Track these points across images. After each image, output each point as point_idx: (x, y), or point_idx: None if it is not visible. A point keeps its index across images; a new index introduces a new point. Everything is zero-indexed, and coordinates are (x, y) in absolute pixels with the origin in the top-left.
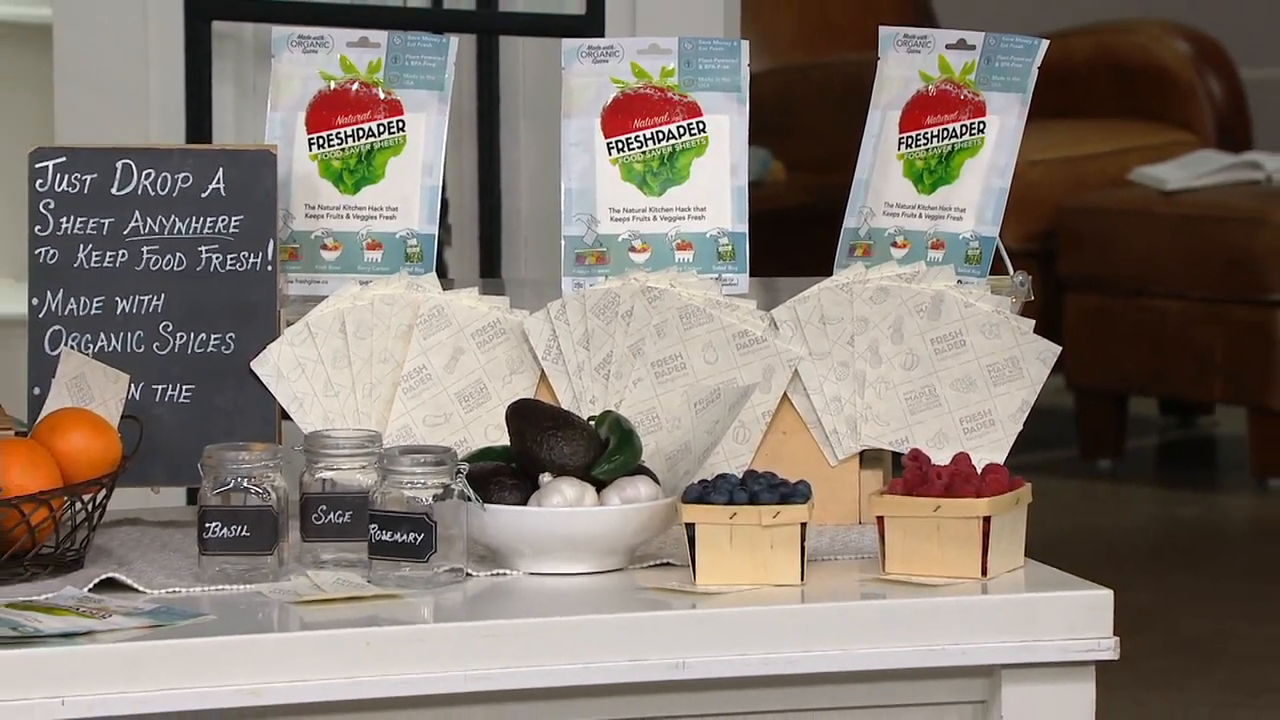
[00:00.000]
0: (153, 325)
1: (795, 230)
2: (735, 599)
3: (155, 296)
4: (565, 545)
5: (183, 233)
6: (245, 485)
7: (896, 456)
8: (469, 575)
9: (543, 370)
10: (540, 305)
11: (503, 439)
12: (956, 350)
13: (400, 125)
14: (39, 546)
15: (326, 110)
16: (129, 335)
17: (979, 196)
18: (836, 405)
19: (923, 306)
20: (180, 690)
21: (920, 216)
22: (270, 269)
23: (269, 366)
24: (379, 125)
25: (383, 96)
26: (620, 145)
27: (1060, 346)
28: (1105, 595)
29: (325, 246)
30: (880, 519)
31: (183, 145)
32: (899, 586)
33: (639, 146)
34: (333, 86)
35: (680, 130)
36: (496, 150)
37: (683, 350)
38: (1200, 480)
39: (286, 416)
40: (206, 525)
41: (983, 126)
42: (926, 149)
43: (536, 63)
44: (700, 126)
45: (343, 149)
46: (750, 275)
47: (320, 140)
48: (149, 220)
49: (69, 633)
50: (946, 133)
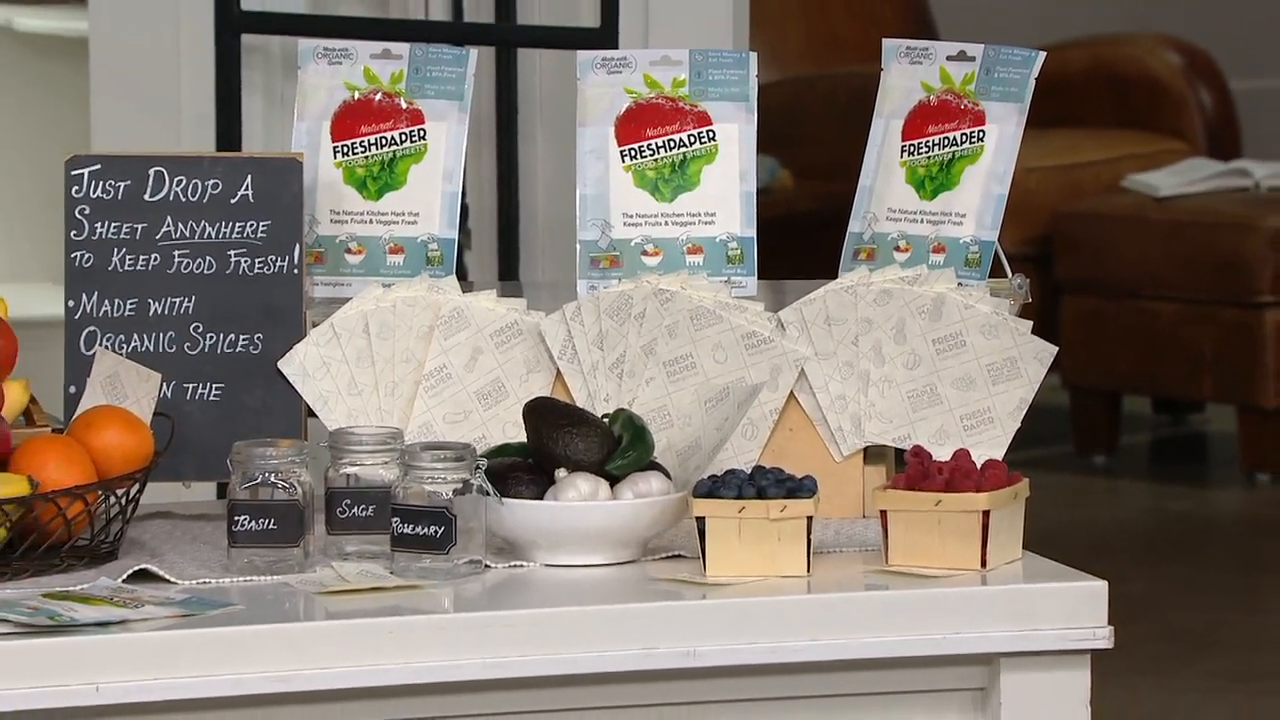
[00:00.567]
0: (184, 326)
1: (802, 235)
2: (744, 590)
3: (186, 299)
4: (580, 538)
5: (212, 237)
6: (273, 480)
7: (899, 453)
8: (487, 567)
9: (558, 369)
10: (556, 307)
11: (520, 436)
12: (957, 350)
13: (421, 134)
14: (75, 539)
15: (351, 119)
16: (161, 336)
17: (979, 202)
18: (841, 403)
19: (924, 308)
20: (210, 677)
21: (922, 222)
22: (296, 272)
23: (295, 366)
24: (401, 134)
25: (404, 106)
26: (633, 153)
27: (1056, 347)
28: (1100, 586)
29: (349, 251)
30: (883, 513)
31: (213, 153)
32: (901, 578)
33: (651, 154)
34: (356, 97)
35: (691, 139)
36: (514, 158)
37: (693, 350)
38: (1191, 475)
39: (312, 414)
40: (235, 519)
41: (982, 135)
42: (928, 157)
43: (553, 74)
44: (710, 135)
45: (366, 157)
46: (758, 278)
47: (345, 148)
48: (180, 225)
49: (103, 622)
50: (947, 141)
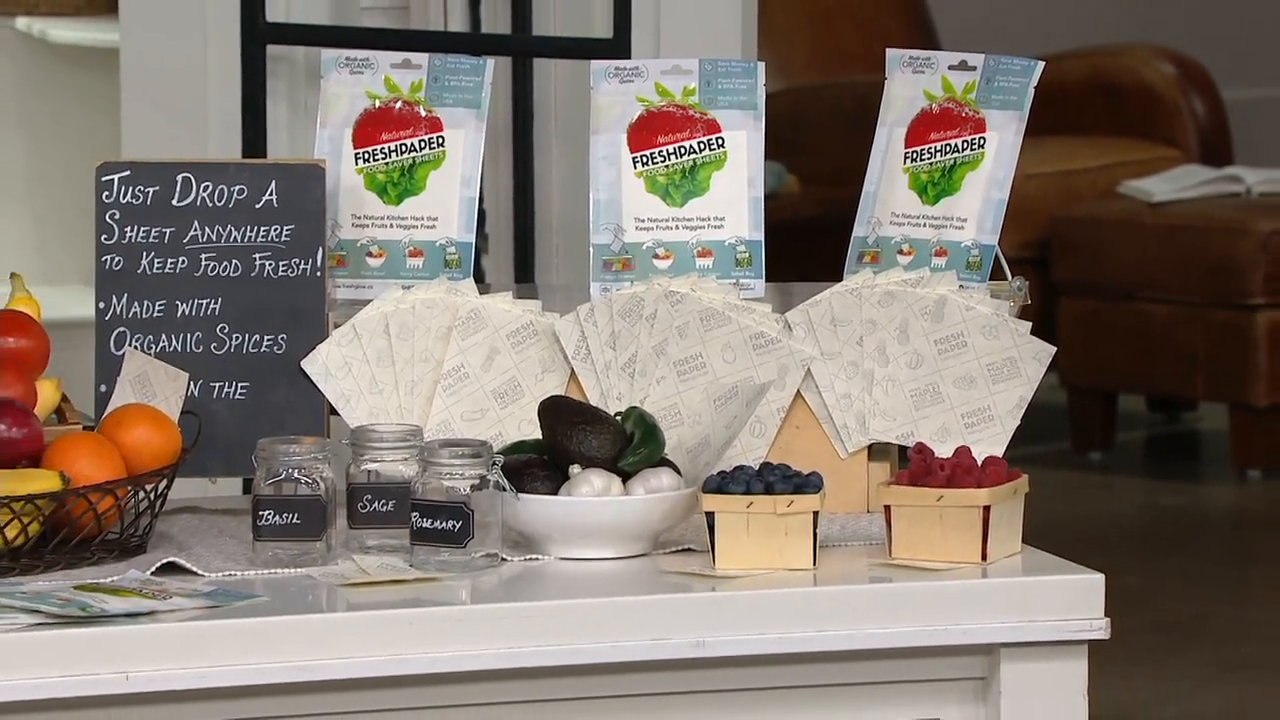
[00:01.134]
0: (210, 327)
1: (808, 239)
2: (752, 582)
3: (213, 300)
4: (593, 532)
5: (238, 241)
6: (296, 476)
7: (902, 450)
8: (504, 560)
9: (572, 369)
10: (570, 308)
11: (535, 433)
12: (958, 350)
13: (440, 141)
14: (105, 533)
15: (372, 127)
16: (188, 336)
17: (979, 207)
18: (846, 402)
19: (927, 310)
20: (235, 666)
21: (925, 226)
22: (319, 275)
23: (318, 366)
24: (420, 141)
25: (424, 114)
26: (645, 159)
27: (1055, 347)
28: (1097, 579)
29: (370, 254)
30: (887, 508)
31: (238, 160)
32: (904, 571)
33: (662, 161)
34: (377, 105)
35: (701, 145)
36: (530, 164)
37: (703, 350)
38: (1184, 472)
39: (334, 412)
40: (260, 513)
41: (983, 142)
42: (930, 163)
43: (567, 83)
44: (719, 142)
45: (387, 163)
46: (766, 281)
47: (366, 155)
48: (207, 229)
49: (133, 613)
50: (949, 148)
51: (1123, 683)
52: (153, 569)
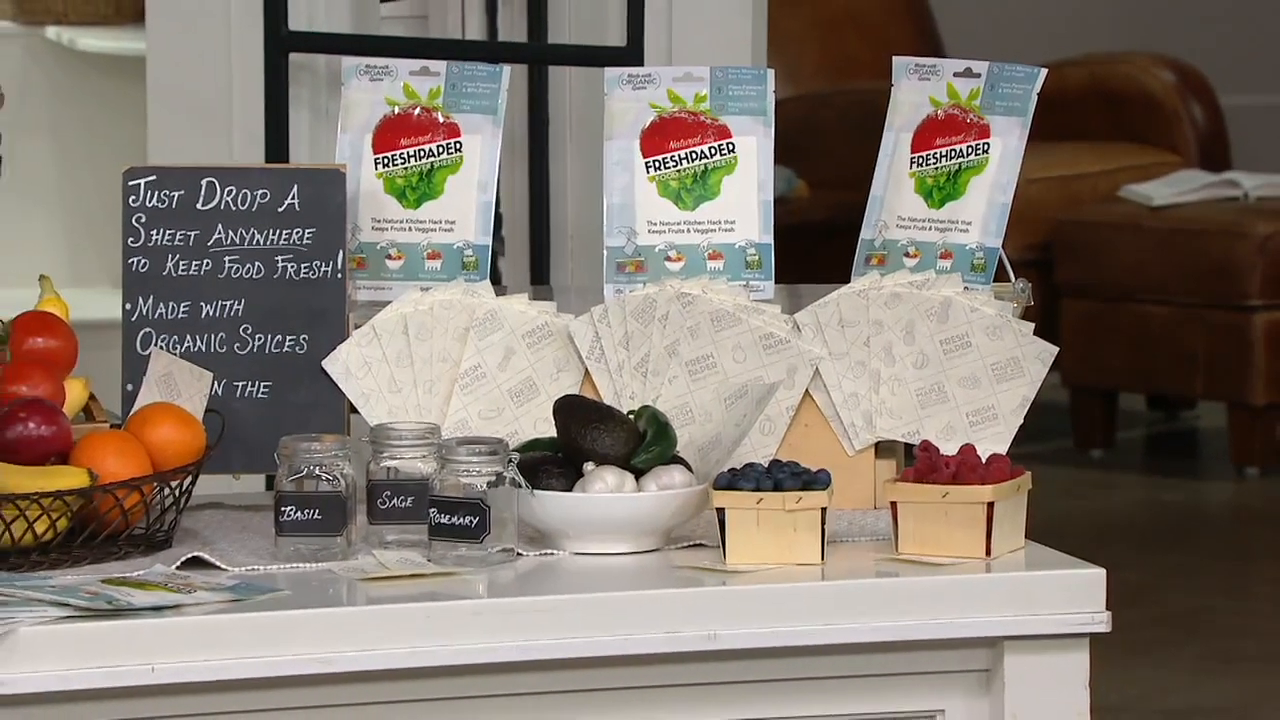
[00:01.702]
0: (234, 328)
1: (816, 242)
2: (762, 577)
3: (236, 302)
4: (607, 528)
5: (261, 244)
6: (317, 473)
7: (908, 447)
8: (519, 555)
9: (587, 369)
10: (585, 310)
11: (550, 431)
12: (963, 350)
13: (458, 146)
14: (131, 528)
15: (391, 133)
16: (212, 337)
17: (984, 211)
18: (854, 401)
19: (932, 311)
20: (258, 658)
21: (930, 229)
22: (340, 277)
23: (339, 365)
24: (438, 146)
25: (442, 120)
26: (657, 164)
27: (1057, 347)
28: (1098, 573)
29: (390, 256)
30: (894, 504)
31: (261, 165)
32: (910, 565)
33: (674, 165)
34: (397, 111)
35: (712, 151)
36: (545, 169)
37: (714, 350)
38: (1184, 469)
39: (355, 411)
40: (282, 509)
41: (987, 147)
42: (936, 168)
43: (582, 90)
44: (730, 147)
45: (405, 168)
46: (775, 282)
47: (385, 160)
48: (230, 233)
49: (158, 606)
50: (954, 153)
51: (1124, 675)
52: (178, 563)
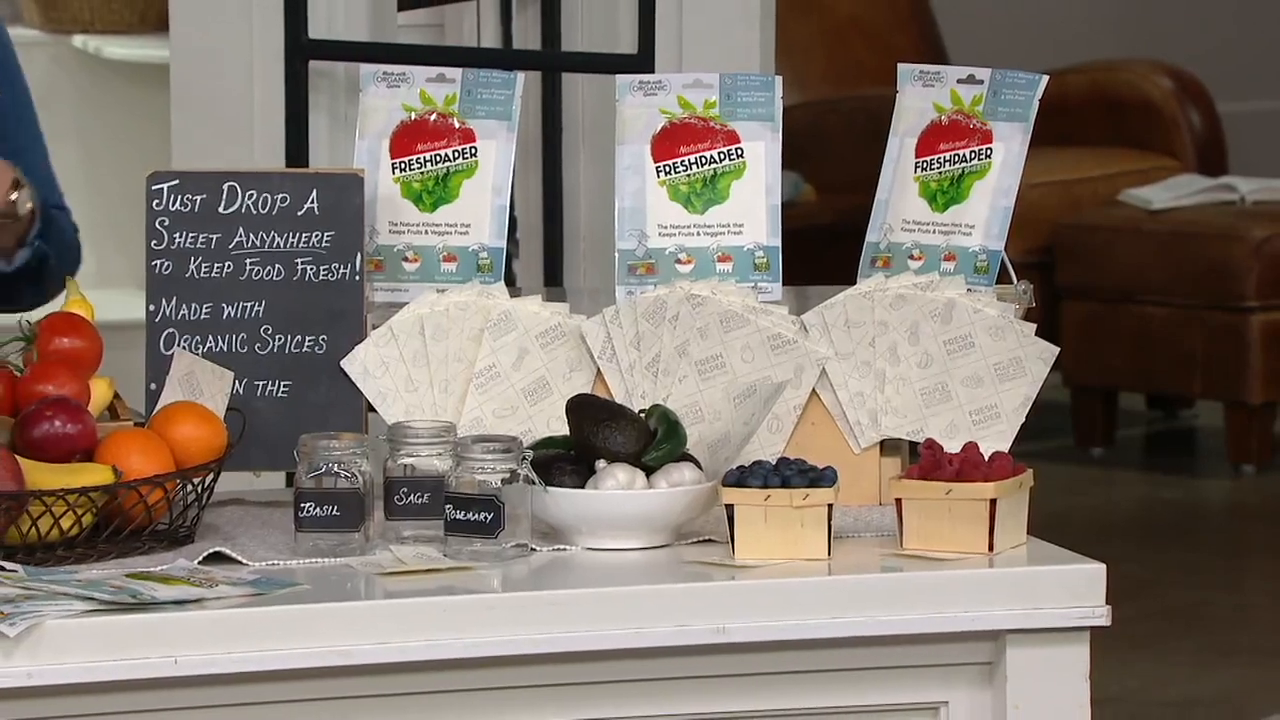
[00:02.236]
0: (254, 329)
1: (823, 244)
2: (770, 572)
3: (257, 303)
4: (618, 524)
5: (281, 247)
6: (336, 470)
7: (913, 445)
8: (533, 550)
9: (598, 368)
10: (597, 311)
11: (563, 429)
12: (966, 351)
13: (473, 151)
14: (155, 523)
15: (408, 138)
16: (234, 338)
17: (986, 214)
18: (859, 400)
19: (936, 312)
20: (278, 651)
21: (934, 232)
22: (358, 279)
23: (357, 365)
24: (454, 151)
25: (457, 126)
26: (668, 169)
27: (1058, 348)
28: (1098, 568)
29: (406, 259)
30: (898, 500)
31: (281, 169)
32: (915, 561)
33: (684, 170)
34: (413, 117)
35: (721, 156)
36: (559, 173)
37: (723, 351)
38: (1182, 466)
39: (372, 409)
40: (302, 505)
41: (990, 152)
42: (940, 172)
43: (594, 96)
44: (739, 153)
45: (422, 172)
46: (783, 284)
47: (402, 165)
48: (251, 235)
49: (181, 600)
50: (958, 158)
51: (1124, 667)
52: (200, 558)
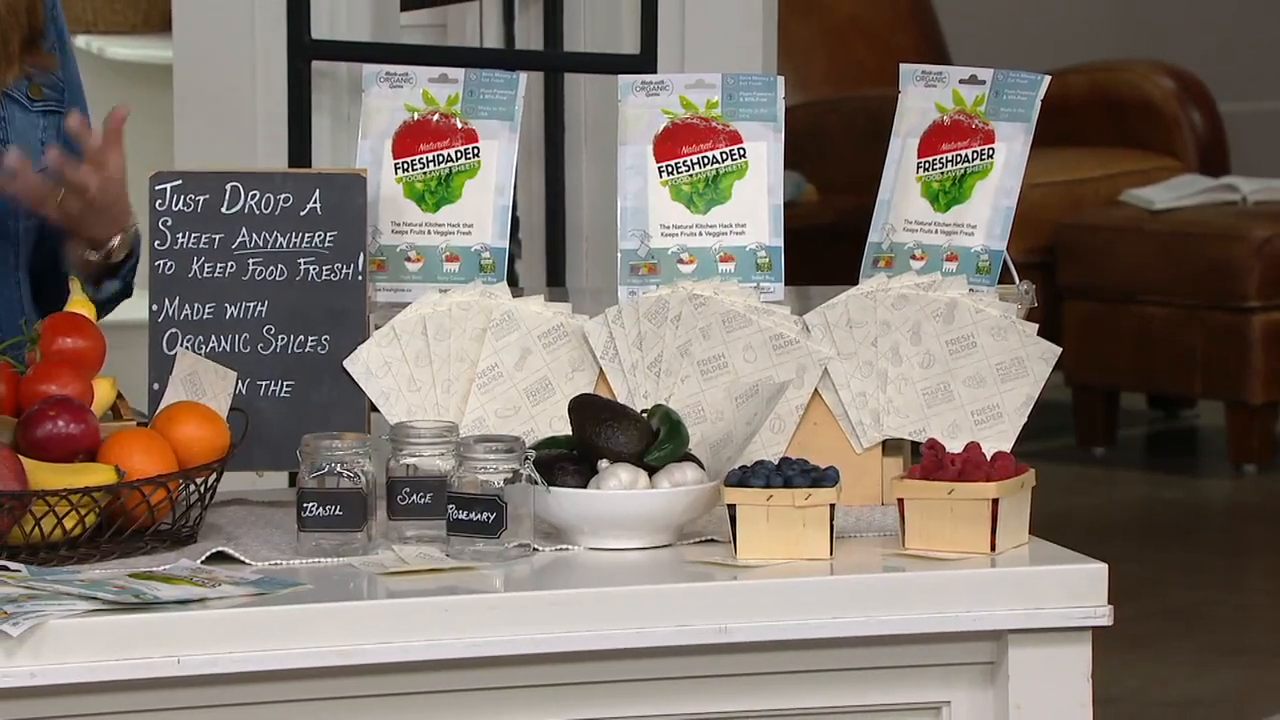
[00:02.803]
0: (257, 329)
1: (825, 244)
2: (772, 571)
3: (259, 303)
4: (620, 524)
5: (284, 247)
6: (339, 470)
7: (915, 445)
8: (535, 550)
9: (601, 368)
10: (599, 311)
11: (565, 429)
12: (968, 351)
13: (475, 151)
14: (158, 523)
15: (410, 138)
16: (236, 337)
17: (988, 214)
18: (861, 400)
19: (938, 312)
20: (281, 650)
21: (936, 232)
22: (360, 279)
23: (359, 365)
24: (456, 151)
25: (460, 126)
26: (670, 169)
27: (1060, 348)
28: (1100, 568)
29: (409, 259)
30: (900, 500)
31: (284, 169)
32: (917, 560)
33: (686, 170)
34: (416, 117)
35: (723, 156)
36: (561, 174)
37: (725, 351)
38: (1183, 466)
39: (375, 409)
40: (304, 505)
41: (992, 153)
42: (942, 172)
43: (596, 96)
44: (741, 153)
45: (424, 172)
46: (785, 284)
47: (405, 165)
48: (254, 236)
49: (184, 599)
50: (960, 158)
51: (1125, 667)
52: (203, 558)
